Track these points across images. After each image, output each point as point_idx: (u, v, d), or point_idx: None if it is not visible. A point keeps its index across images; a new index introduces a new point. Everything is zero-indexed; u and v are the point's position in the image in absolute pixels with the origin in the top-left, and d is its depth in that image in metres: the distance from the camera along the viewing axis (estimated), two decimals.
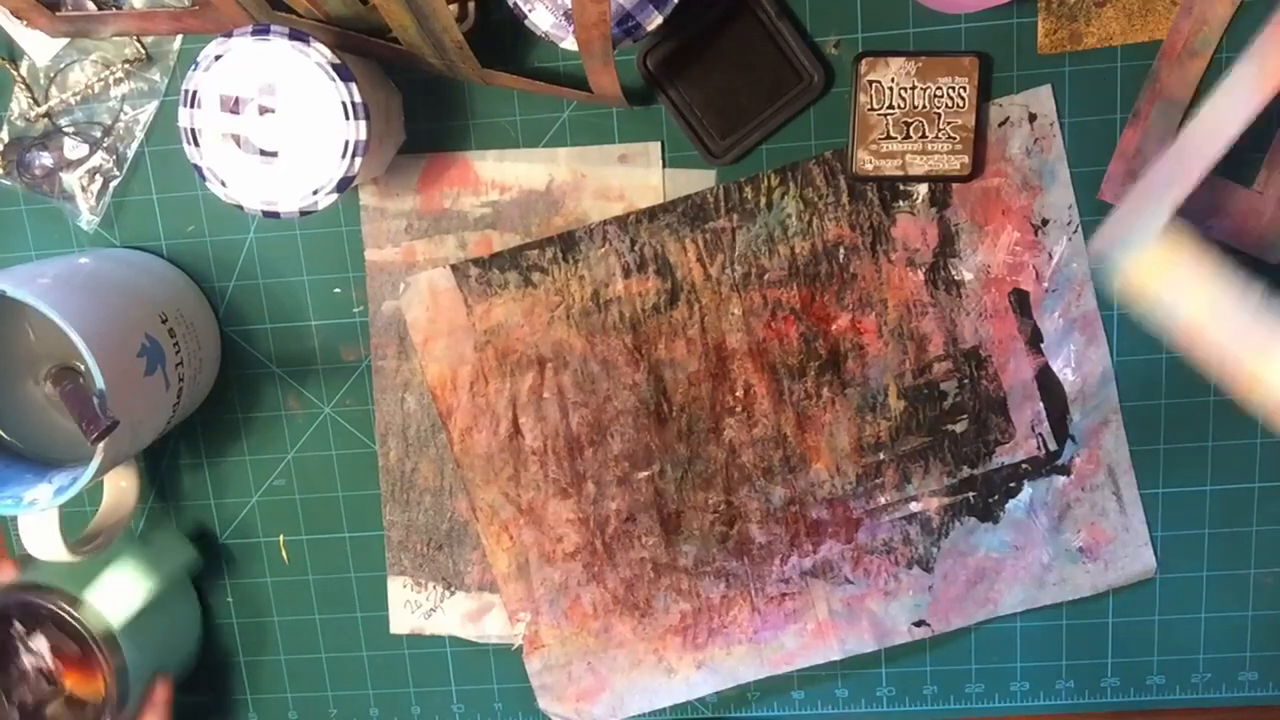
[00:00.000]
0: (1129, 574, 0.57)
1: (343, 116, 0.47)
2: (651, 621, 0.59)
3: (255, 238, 0.56)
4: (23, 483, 0.50)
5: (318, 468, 0.59)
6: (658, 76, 0.53)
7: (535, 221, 0.55)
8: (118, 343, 0.47)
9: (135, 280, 0.53)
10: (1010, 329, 0.55)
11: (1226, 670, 0.59)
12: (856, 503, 0.57)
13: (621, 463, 0.57)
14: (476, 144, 0.55)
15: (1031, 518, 0.56)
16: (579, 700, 0.60)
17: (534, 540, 0.58)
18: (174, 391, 0.51)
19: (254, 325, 0.57)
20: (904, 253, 0.54)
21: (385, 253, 0.56)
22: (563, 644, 0.59)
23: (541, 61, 0.54)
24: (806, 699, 0.60)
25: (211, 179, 0.48)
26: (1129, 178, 0.52)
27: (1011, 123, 0.53)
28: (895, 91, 0.52)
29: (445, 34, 0.47)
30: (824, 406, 0.56)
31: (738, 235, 0.54)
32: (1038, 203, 0.54)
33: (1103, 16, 0.52)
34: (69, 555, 0.52)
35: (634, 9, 0.48)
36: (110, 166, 0.55)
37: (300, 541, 0.60)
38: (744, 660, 0.59)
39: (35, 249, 0.57)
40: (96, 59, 0.55)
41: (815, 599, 0.58)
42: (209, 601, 0.61)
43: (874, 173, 0.53)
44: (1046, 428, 0.55)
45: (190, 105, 0.47)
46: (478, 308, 0.56)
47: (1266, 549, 0.57)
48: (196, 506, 0.60)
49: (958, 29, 0.52)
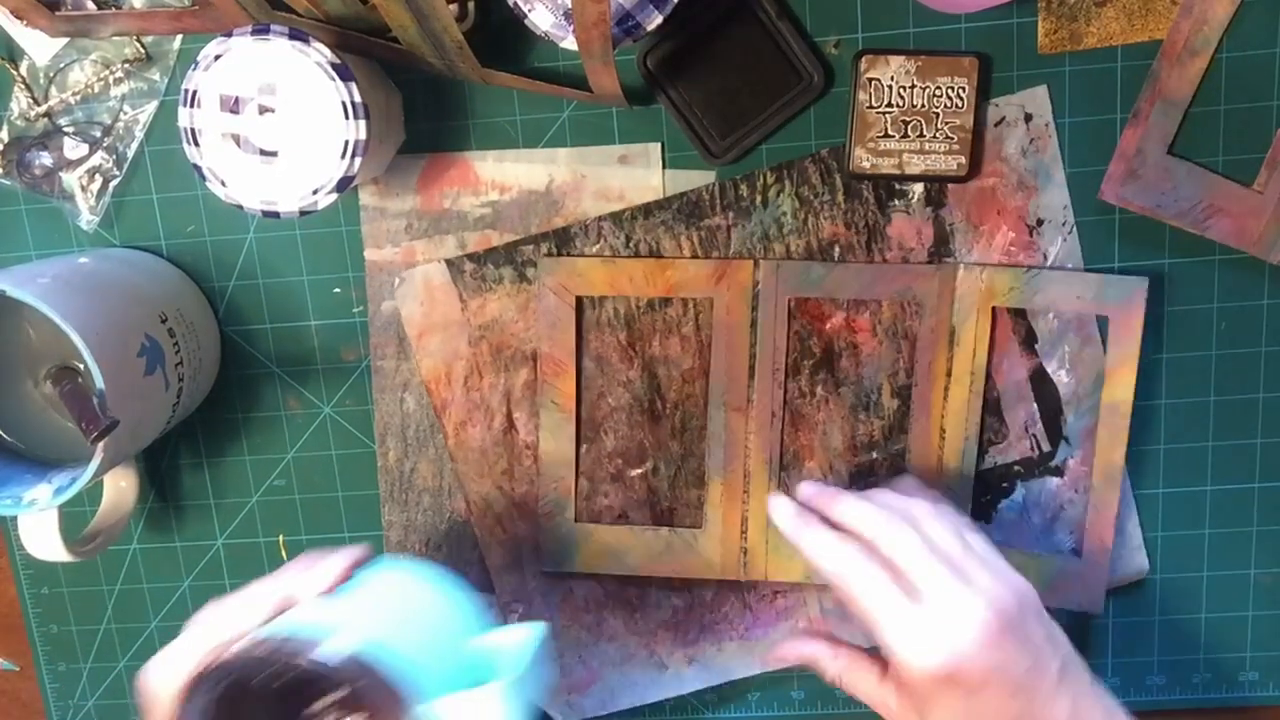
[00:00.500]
0: (1121, 575, 0.57)
1: (343, 116, 0.47)
2: (643, 616, 0.59)
3: (255, 238, 0.56)
4: (22, 483, 0.50)
5: (317, 468, 0.59)
6: (658, 76, 0.53)
7: (535, 222, 0.55)
8: (118, 343, 0.47)
9: (135, 280, 0.53)
10: (1005, 330, 0.55)
11: (1226, 670, 0.59)
12: None
13: (615, 459, 0.57)
14: (476, 144, 0.55)
15: (1024, 518, 0.56)
16: (570, 692, 0.60)
17: (527, 534, 0.58)
18: (174, 391, 0.52)
19: (254, 325, 0.58)
20: (899, 252, 0.54)
21: (385, 253, 0.56)
22: (555, 637, 0.59)
23: (541, 61, 0.54)
24: (806, 699, 0.60)
25: (211, 179, 0.48)
26: (1129, 178, 0.52)
27: (1008, 123, 0.53)
28: (894, 90, 0.52)
29: (445, 34, 0.47)
30: (818, 405, 0.56)
31: (733, 233, 0.54)
32: (1033, 203, 0.54)
33: (1103, 16, 0.52)
34: (68, 555, 0.52)
35: (634, 9, 0.48)
36: (110, 166, 0.55)
37: (300, 541, 0.60)
38: (735, 657, 0.59)
39: (35, 249, 0.57)
40: (96, 59, 0.55)
41: (807, 597, 0.58)
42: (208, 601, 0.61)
43: (871, 171, 0.53)
44: (1040, 429, 0.55)
45: (190, 105, 0.47)
46: (472, 303, 0.56)
47: (1266, 549, 0.57)
48: (196, 506, 0.60)
49: (958, 29, 0.52)
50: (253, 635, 0.37)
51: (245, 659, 0.35)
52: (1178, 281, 0.54)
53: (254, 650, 0.35)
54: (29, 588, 0.62)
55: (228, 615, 0.41)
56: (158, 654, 0.41)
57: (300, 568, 0.42)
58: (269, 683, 0.35)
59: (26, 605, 0.62)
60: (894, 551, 0.43)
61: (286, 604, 0.41)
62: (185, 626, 0.42)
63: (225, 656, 0.36)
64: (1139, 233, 0.54)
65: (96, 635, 0.62)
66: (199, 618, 0.42)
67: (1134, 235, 0.54)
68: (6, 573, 0.62)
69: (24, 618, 0.62)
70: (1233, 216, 0.52)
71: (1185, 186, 0.52)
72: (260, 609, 0.40)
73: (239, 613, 0.40)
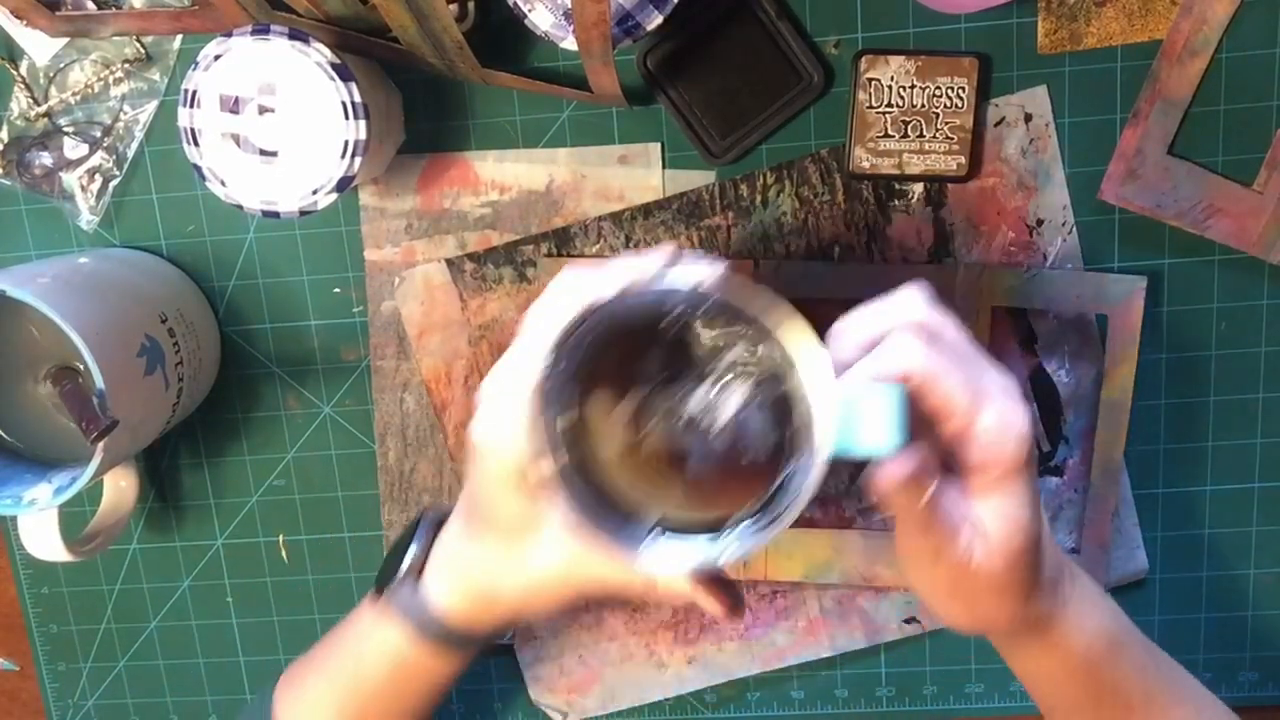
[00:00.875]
0: (1120, 575, 0.57)
1: (343, 116, 0.47)
2: (643, 616, 0.59)
3: (255, 238, 0.56)
4: (22, 483, 0.50)
5: (317, 467, 0.59)
6: (658, 76, 0.53)
7: (535, 222, 0.55)
8: (118, 343, 0.47)
9: (135, 280, 0.53)
10: (1004, 330, 0.55)
11: (1226, 670, 0.59)
12: (849, 502, 0.57)
13: None
14: (476, 144, 0.55)
15: None
16: (570, 692, 0.60)
17: None
18: (174, 391, 0.52)
19: (254, 325, 0.58)
20: (899, 252, 0.54)
21: (385, 253, 0.56)
22: (555, 636, 0.59)
23: (541, 61, 0.54)
24: (806, 699, 0.60)
25: (211, 179, 0.48)
26: (1129, 178, 0.52)
27: (1008, 123, 0.53)
28: (894, 90, 0.52)
29: (445, 34, 0.47)
30: None
31: (733, 233, 0.54)
32: (1033, 203, 0.54)
33: (1103, 16, 0.52)
34: (68, 555, 0.52)
35: (634, 9, 0.48)
36: (110, 166, 0.55)
37: (300, 541, 0.60)
38: (735, 656, 0.59)
39: (35, 249, 0.57)
40: (96, 59, 0.55)
41: (806, 596, 0.58)
42: (208, 601, 0.61)
43: (871, 171, 0.53)
44: (1040, 429, 0.55)
45: (190, 105, 0.47)
46: (472, 302, 0.56)
47: (1266, 549, 0.57)
48: (196, 506, 0.60)
49: (958, 29, 0.52)
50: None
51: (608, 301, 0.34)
52: (1177, 281, 0.54)
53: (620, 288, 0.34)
54: (29, 588, 0.62)
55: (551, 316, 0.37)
56: (497, 373, 0.39)
57: (622, 260, 0.38)
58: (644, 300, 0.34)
59: (26, 605, 0.62)
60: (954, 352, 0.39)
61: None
62: (515, 340, 0.39)
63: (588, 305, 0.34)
64: (1139, 233, 0.54)
65: (96, 635, 0.62)
66: (528, 325, 0.39)
67: (1134, 235, 0.54)
68: (6, 573, 0.62)
69: (24, 618, 0.62)
70: (1232, 216, 0.52)
71: (1185, 186, 0.52)
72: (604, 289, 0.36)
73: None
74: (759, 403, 0.36)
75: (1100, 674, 0.44)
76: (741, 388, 0.36)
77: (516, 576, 0.42)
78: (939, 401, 0.37)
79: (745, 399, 0.36)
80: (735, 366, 0.36)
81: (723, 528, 0.36)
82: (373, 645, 0.47)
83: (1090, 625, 0.43)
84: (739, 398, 0.36)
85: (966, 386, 0.37)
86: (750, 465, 0.36)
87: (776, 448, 0.36)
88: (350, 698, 0.48)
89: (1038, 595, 0.41)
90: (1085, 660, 0.43)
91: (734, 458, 0.36)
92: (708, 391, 0.36)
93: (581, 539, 0.36)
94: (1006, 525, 0.39)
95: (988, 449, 0.38)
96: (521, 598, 0.43)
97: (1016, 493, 0.39)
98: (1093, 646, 0.43)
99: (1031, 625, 0.42)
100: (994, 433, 0.37)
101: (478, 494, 0.42)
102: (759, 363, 0.36)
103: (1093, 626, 0.43)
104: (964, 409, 0.37)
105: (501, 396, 0.39)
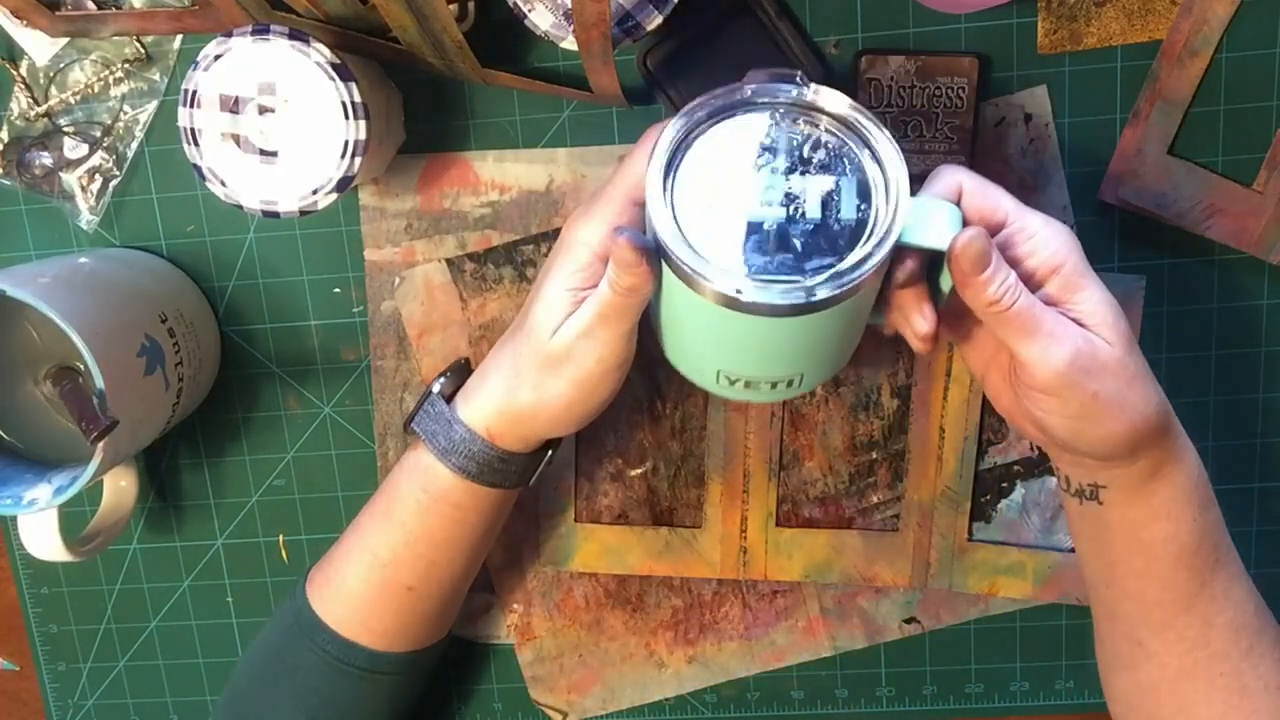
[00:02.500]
0: None
1: (343, 116, 0.47)
2: (643, 616, 0.59)
3: (255, 237, 0.56)
4: (22, 483, 0.50)
5: (317, 467, 0.59)
6: (658, 76, 0.53)
7: (535, 222, 0.55)
8: (118, 343, 0.47)
9: (135, 280, 0.53)
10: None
11: None
12: (849, 501, 0.57)
13: (615, 459, 0.57)
14: (476, 144, 0.55)
15: (1024, 518, 0.56)
16: (570, 692, 0.60)
17: (527, 533, 0.58)
18: (174, 391, 0.52)
19: (254, 325, 0.58)
20: None
21: (385, 253, 0.56)
22: (554, 636, 0.59)
23: (541, 61, 0.54)
24: (806, 699, 0.60)
25: (211, 179, 0.48)
26: (1129, 177, 0.52)
27: (1008, 123, 0.53)
28: (894, 90, 0.52)
29: (445, 34, 0.47)
30: (817, 405, 0.56)
31: None
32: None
33: (1103, 16, 0.52)
34: (68, 555, 0.52)
35: (634, 9, 0.48)
36: (110, 166, 0.55)
37: (300, 541, 0.60)
38: (735, 656, 0.59)
39: (35, 249, 0.57)
40: (96, 59, 0.55)
41: (806, 596, 0.58)
42: (208, 601, 0.61)
43: None
44: None
45: (190, 105, 0.47)
46: (472, 302, 0.56)
47: (1266, 549, 0.57)
48: (196, 506, 0.60)
49: (958, 29, 0.52)
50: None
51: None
52: (1177, 281, 0.54)
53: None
54: (29, 588, 0.62)
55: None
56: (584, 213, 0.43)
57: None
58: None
59: (26, 605, 0.62)
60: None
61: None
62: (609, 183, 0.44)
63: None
64: (1139, 233, 0.54)
65: (96, 635, 0.62)
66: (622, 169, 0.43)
67: (1133, 235, 0.54)
68: (6, 573, 0.62)
69: (24, 618, 0.62)
70: (1232, 216, 0.52)
71: (1185, 186, 0.52)
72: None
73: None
74: (844, 191, 0.40)
75: (1205, 516, 0.45)
76: (828, 176, 0.40)
77: (555, 385, 0.44)
78: (988, 207, 0.42)
79: (833, 184, 0.40)
80: (827, 157, 0.40)
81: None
82: (403, 479, 0.49)
83: (1196, 460, 0.45)
84: (828, 183, 0.40)
85: (1009, 198, 0.42)
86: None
87: (855, 230, 0.39)
88: (384, 545, 0.50)
89: (1163, 404, 0.43)
90: (1197, 494, 0.45)
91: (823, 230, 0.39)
92: (802, 177, 0.40)
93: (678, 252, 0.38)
94: (1107, 312, 0.41)
95: (1047, 244, 0.41)
96: (564, 404, 0.44)
97: (1095, 290, 0.41)
98: (1199, 485, 0.45)
99: (1164, 433, 0.43)
100: (1043, 231, 0.41)
101: (544, 294, 0.43)
102: (846, 157, 0.40)
103: (1198, 462, 0.45)
104: (1012, 211, 0.42)
105: (606, 201, 0.43)
